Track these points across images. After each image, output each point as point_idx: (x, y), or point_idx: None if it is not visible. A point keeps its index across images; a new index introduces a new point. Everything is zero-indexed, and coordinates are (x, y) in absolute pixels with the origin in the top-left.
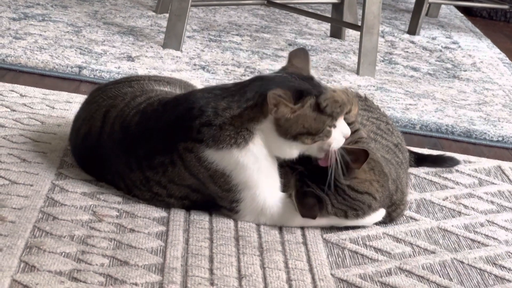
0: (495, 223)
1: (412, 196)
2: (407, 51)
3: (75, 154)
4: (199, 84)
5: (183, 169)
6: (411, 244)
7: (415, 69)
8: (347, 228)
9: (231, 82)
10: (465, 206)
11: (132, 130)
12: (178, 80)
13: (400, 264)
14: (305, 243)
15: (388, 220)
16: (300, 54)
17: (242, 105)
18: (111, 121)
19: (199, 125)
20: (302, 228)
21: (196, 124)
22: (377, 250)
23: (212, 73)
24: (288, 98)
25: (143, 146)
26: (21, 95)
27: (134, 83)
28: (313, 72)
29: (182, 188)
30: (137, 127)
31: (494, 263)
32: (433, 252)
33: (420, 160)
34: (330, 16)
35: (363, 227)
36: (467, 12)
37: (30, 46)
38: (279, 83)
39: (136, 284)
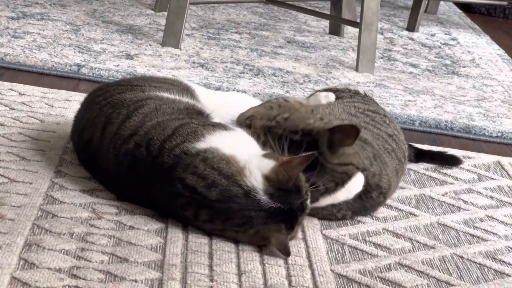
0: (495, 218)
1: (412, 191)
2: (406, 48)
3: (78, 153)
4: (197, 85)
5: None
6: (411, 239)
7: (414, 66)
8: (346, 224)
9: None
10: (465, 202)
11: (124, 171)
12: (177, 83)
13: (400, 259)
14: (304, 239)
15: (370, 205)
16: None
17: None
18: (108, 139)
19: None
20: (302, 224)
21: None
22: (376, 245)
23: (211, 70)
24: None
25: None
26: (20, 93)
27: (136, 87)
28: (312, 70)
29: None
30: (129, 172)
31: (494, 258)
32: (433, 247)
33: (419, 156)
34: (329, 13)
35: (363, 222)
36: (466, 8)
37: (28, 45)
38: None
39: (135, 281)
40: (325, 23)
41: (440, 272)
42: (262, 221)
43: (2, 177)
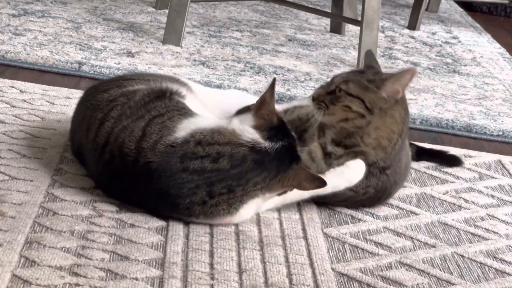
0: (495, 217)
1: (412, 190)
2: (407, 46)
3: (75, 155)
4: (196, 83)
5: None
6: (412, 238)
7: (415, 64)
8: (347, 222)
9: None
10: (466, 200)
11: (112, 180)
12: (170, 79)
13: (401, 258)
14: (305, 238)
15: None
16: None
17: None
18: (89, 148)
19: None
20: (303, 222)
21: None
22: (377, 244)
23: (212, 68)
24: None
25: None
26: (21, 91)
27: (116, 83)
28: (313, 68)
29: None
30: (116, 181)
31: (495, 257)
32: (434, 246)
33: (420, 154)
34: (330, 11)
35: (363, 221)
36: (467, 7)
37: (29, 42)
38: None
39: (136, 279)
40: (326, 21)
41: (441, 271)
42: (278, 167)
43: (3, 175)
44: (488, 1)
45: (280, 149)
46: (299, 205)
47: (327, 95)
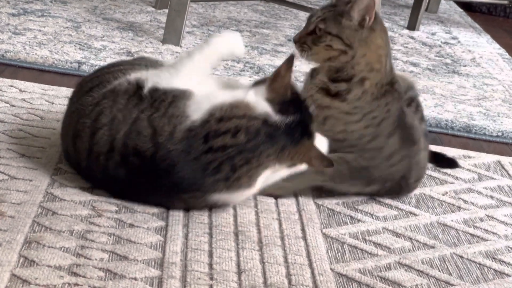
0: (495, 218)
1: None
2: (406, 47)
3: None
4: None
5: None
6: (411, 239)
7: (414, 65)
8: (346, 222)
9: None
10: (465, 201)
11: (123, 180)
12: (142, 61)
13: (400, 258)
14: (304, 238)
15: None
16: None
17: None
18: (84, 157)
19: None
20: (302, 222)
21: None
22: (376, 244)
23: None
24: None
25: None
26: (20, 90)
27: (104, 77)
28: None
29: None
30: (131, 179)
31: (494, 258)
32: (433, 247)
33: None
34: None
35: (363, 221)
36: (467, 7)
37: (29, 42)
38: None
39: (135, 279)
40: None
41: (440, 271)
42: (288, 140)
43: (2, 174)
44: (487, 1)
45: (291, 123)
46: (298, 205)
47: (308, 36)
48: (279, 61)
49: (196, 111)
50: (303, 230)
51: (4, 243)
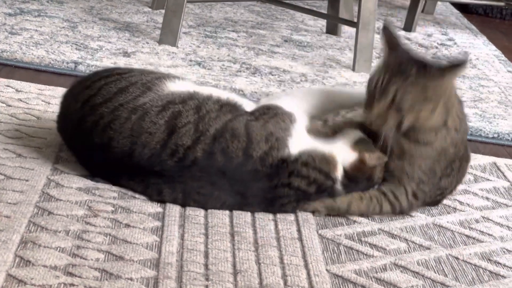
0: (490, 219)
1: None
2: None
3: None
4: (192, 81)
5: None
6: (406, 240)
7: None
8: (342, 224)
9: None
10: (460, 203)
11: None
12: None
13: (395, 260)
14: (300, 239)
15: None
16: None
17: None
18: (154, 151)
19: None
20: (298, 223)
21: None
22: (372, 246)
23: (208, 69)
24: None
25: None
26: (16, 90)
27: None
28: (309, 69)
29: None
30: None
31: (489, 259)
32: (428, 248)
33: None
34: (326, 12)
35: (358, 222)
36: (463, 9)
37: (25, 42)
38: None
39: (131, 279)
40: (322, 22)
41: (435, 273)
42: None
43: None
44: (484, 3)
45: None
46: None
47: (388, 108)
48: (275, 62)
49: (295, 146)
50: (299, 231)
51: (0, 243)
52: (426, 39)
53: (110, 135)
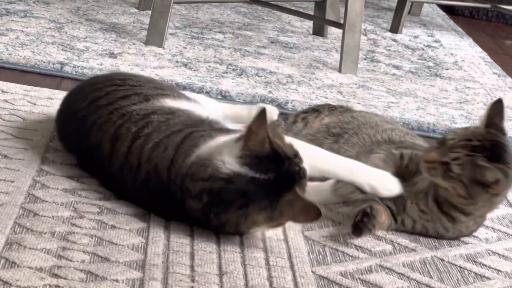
0: None
1: None
2: (389, 50)
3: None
4: (177, 82)
5: None
6: (392, 241)
7: (397, 67)
8: (328, 225)
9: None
10: None
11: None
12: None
13: (381, 261)
14: (286, 241)
15: None
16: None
17: None
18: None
19: None
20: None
21: None
22: (358, 247)
23: (194, 70)
24: None
25: None
26: (2, 91)
27: (136, 90)
28: (295, 70)
29: None
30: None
31: (474, 261)
32: (414, 250)
33: None
34: (312, 14)
35: (344, 224)
36: (449, 11)
37: (11, 42)
38: None
39: (117, 281)
40: (309, 24)
41: (420, 274)
42: (263, 199)
43: None
44: (470, 5)
45: (268, 182)
46: None
47: (440, 165)
48: (261, 63)
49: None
50: (284, 232)
51: None
52: (412, 41)
53: (100, 136)
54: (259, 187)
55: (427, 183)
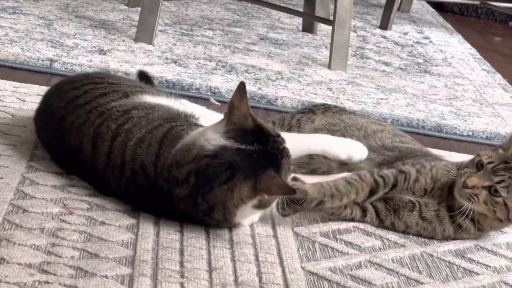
0: None
1: None
2: (378, 46)
3: (52, 150)
4: (168, 79)
5: None
6: (381, 237)
7: (386, 64)
8: (317, 221)
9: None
10: None
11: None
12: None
13: (370, 257)
14: (275, 236)
15: None
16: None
17: None
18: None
19: None
20: (273, 221)
21: None
22: (347, 243)
23: (184, 67)
24: None
25: None
26: None
27: (115, 87)
28: (285, 67)
29: None
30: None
31: (463, 256)
32: (403, 246)
33: None
34: (302, 10)
35: (333, 220)
36: (439, 7)
37: (0, 39)
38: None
39: (106, 277)
40: (298, 20)
41: (410, 270)
42: (248, 168)
43: None
44: (459, 1)
45: (252, 153)
46: None
47: (483, 189)
48: (251, 60)
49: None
50: (274, 228)
51: None
52: (402, 37)
53: (80, 137)
54: (244, 156)
55: (443, 193)
